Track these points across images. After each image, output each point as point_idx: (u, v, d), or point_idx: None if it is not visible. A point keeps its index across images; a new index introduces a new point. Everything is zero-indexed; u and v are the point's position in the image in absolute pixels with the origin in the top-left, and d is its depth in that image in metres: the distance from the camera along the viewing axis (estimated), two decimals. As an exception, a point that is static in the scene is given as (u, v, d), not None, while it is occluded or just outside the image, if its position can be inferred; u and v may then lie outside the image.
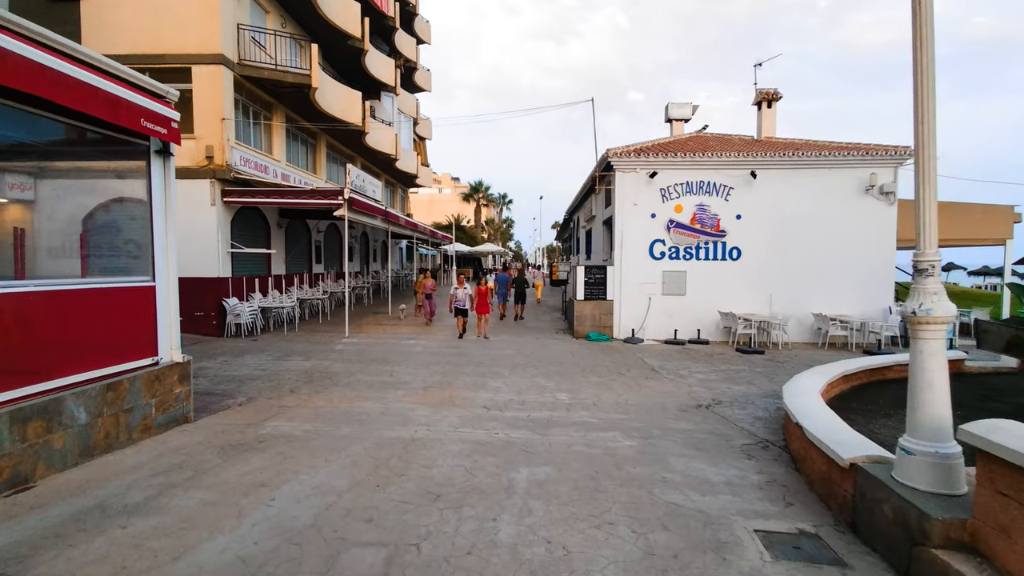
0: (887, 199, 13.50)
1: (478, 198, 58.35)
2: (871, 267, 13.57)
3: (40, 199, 5.03)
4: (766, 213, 13.73)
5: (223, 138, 12.92)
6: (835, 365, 7.95)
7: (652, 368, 10.19)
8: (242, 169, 13.57)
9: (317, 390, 7.96)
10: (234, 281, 13.56)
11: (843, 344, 13.21)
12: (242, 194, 13.08)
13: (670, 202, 13.97)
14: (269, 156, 15.55)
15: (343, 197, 12.88)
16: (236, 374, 8.99)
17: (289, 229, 16.92)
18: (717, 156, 13.60)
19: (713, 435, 5.99)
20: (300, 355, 10.83)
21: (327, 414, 6.64)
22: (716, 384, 8.85)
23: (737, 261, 13.89)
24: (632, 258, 14.01)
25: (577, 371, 9.73)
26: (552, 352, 11.72)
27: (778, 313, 13.50)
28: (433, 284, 15.67)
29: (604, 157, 14.13)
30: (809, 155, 13.41)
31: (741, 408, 7.32)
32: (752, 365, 10.59)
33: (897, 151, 13.33)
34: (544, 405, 7.31)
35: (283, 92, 14.99)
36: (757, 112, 16.48)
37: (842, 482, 3.75)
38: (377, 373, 9.22)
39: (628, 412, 7.02)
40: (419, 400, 7.45)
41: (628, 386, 8.60)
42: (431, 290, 15.64)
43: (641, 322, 13.92)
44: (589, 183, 17.17)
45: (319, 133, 19.45)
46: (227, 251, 13.34)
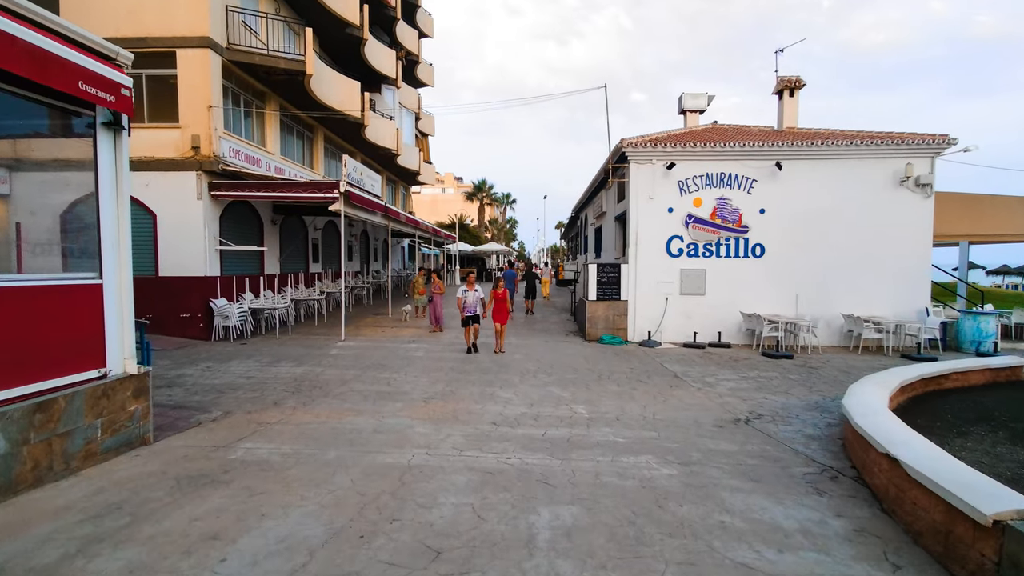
0: (923, 191, 12.54)
1: (481, 197, 57.50)
2: (905, 265, 12.61)
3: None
4: (792, 207, 12.79)
5: (210, 127, 12.07)
6: (889, 374, 7.02)
7: (675, 375, 9.27)
8: (231, 161, 12.71)
9: (305, 402, 7.08)
10: (223, 281, 12.71)
11: (877, 348, 12.26)
12: (231, 187, 12.22)
13: (688, 196, 13.05)
14: (262, 148, 14.70)
15: (339, 190, 12.01)
16: (217, 383, 8.12)
17: (284, 226, 16.07)
18: (740, 146, 12.67)
19: (765, 460, 5.08)
20: (291, 360, 9.96)
21: (312, 432, 5.76)
22: (750, 394, 7.93)
23: (760, 258, 12.95)
24: (648, 256, 13.09)
25: (593, 378, 8.83)
26: (564, 357, 10.82)
27: (805, 314, 12.56)
28: (441, 285, 14.38)
29: (618, 148, 13.21)
30: (839, 144, 12.47)
31: (785, 423, 6.39)
32: (784, 371, 9.66)
33: (935, 140, 12.36)
34: (561, 420, 6.41)
35: (276, 80, 14.13)
36: (778, 101, 15.54)
37: (976, 543, 2.84)
38: (373, 382, 8.34)
39: (657, 429, 6.11)
40: (419, 415, 6.56)
41: (652, 396, 7.69)
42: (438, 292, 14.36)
43: (658, 324, 13.00)
44: (600, 176, 16.26)
45: (316, 126, 18.61)
46: (215, 248, 12.48)
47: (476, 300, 10.76)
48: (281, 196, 12.16)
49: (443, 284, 14.75)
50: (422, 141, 31.34)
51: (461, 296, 10.84)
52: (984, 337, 11.96)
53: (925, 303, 12.65)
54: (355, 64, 19.19)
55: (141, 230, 12.09)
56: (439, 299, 14.22)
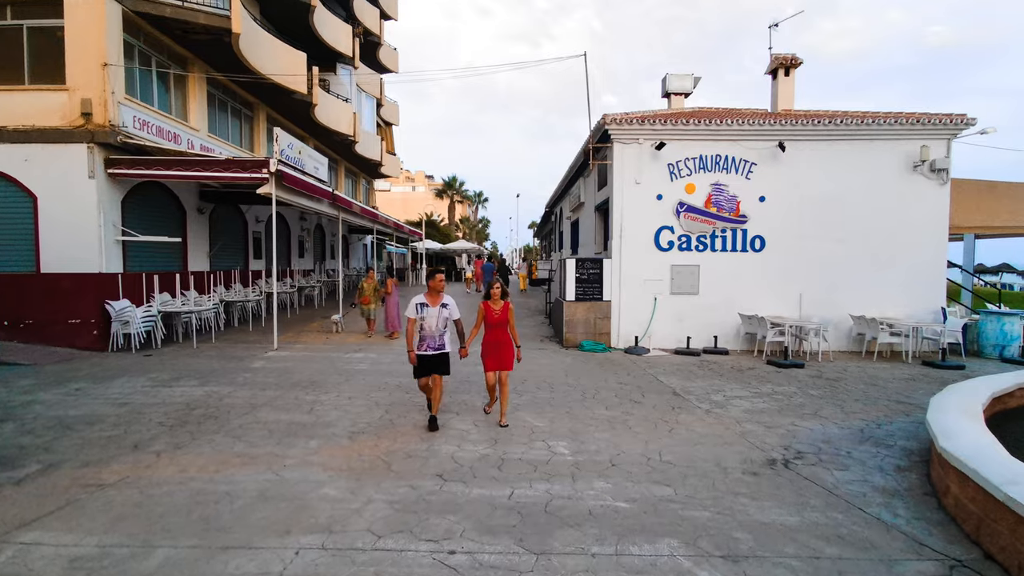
0: (939, 177, 11.20)
1: (452, 194, 55.40)
2: (920, 260, 11.24)
3: None
4: (795, 194, 11.29)
5: (105, 90, 9.85)
6: (969, 389, 5.41)
7: (674, 391, 7.56)
8: (136, 133, 10.50)
9: (181, 443, 5.08)
10: (127, 279, 10.48)
11: (891, 353, 10.84)
12: (134, 164, 10.02)
13: (680, 181, 11.42)
14: (183, 123, 12.46)
15: (268, 170, 9.95)
16: (73, 414, 6.02)
17: (216, 216, 13.84)
18: (738, 123, 11.10)
19: (849, 545, 3.35)
20: (196, 377, 7.89)
21: (159, 502, 3.80)
22: (773, 418, 6.26)
23: (760, 252, 11.41)
24: (634, 249, 11.41)
25: (576, 398, 7.04)
26: (538, 368, 9.02)
27: (812, 316, 11.07)
28: (390, 284, 12.25)
29: (600, 125, 11.50)
30: (848, 123, 11.01)
31: (840, 466, 4.71)
32: (801, 385, 8.06)
33: (952, 120, 11.03)
34: (535, 468, 4.58)
35: (198, 41, 11.94)
36: (772, 82, 14.09)
37: None
38: (292, 407, 6.37)
39: (671, 480, 4.34)
40: (337, 461, 4.64)
41: (653, 424, 5.94)
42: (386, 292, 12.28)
43: (646, 328, 11.32)
44: (578, 162, 14.54)
45: (257, 104, 16.39)
46: (115, 239, 10.25)
47: (444, 323, 5.56)
48: (194, 176, 10.01)
49: (393, 282, 12.23)
50: (385, 130, 29.18)
51: (415, 316, 5.42)
52: (1009, 340, 10.65)
53: (941, 303, 11.30)
54: (304, 36, 17.00)
55: (16, 216, 9.81)
56: (392, 299, 12.29)
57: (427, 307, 5.46)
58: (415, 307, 5.45)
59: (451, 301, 5.58)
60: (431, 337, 5.50)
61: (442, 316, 5.51)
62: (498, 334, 5.80)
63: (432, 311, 5.46)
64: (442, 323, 5.52)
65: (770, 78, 14.12)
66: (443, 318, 5.52)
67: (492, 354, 5.77)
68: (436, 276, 5.57)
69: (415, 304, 5.46)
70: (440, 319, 5.50)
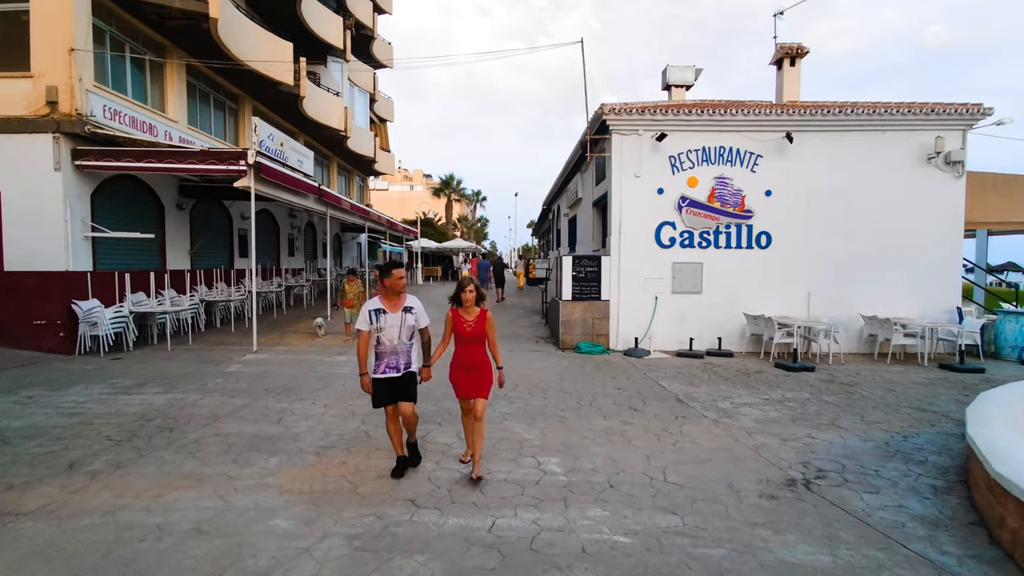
0: (954, 170, 10.64)
1: (449, 193, 54.75)
2: (934, 257, 10.69)
3: None
4: (802, 188, 10.73)
5: (72, 77, 9.27)
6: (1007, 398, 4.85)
7: (677, 398, 7.00)
8: (107, 123, 9.92)
9: (124, 461, 4.51)
10: (98, 277, 9.90)
11: (905, 356, 10.28)
12: (103, 156, 9.43)
13: (682, 174, 10.85)
14: (159, 114, 11.87)
15: (246, 161, 9.38)
16: (13, 426, 5.45)
17: (197, 212, 13.26)
18: (743, 114, 10.54)
19: (890, 591, 2.79)
20: (162, 383, 7.31)
21: (74, 539, 3.23)
22: (787, 428, 5.70)
23: (766, 249, 10.85)
24: (634, 246, 10.84)
25: (571, 406, 6.47)
26: (532, 372, 8.46)
27: (821, 316, 10.51)
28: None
29: (597, 115, 10.93)
30: (859, 113, 10.45)
31: (868, 488, 4.15)
32: (814, 391, 7.50)
33: (968, 110, 10.47)
34: (523, 490, 4.02)
35: (175, 27, 11.36)
36: (777, 72, 13.51)
37: None
38: (259, 418, 5.80)
39: (678, 507, 3.78)
40: (297, 483, 4.08)
41: (655, 436, 5.37)
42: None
43: (646, 329, 10.75)
44: (575, 156, 13.98)
45: (242, 96, 15.80)
46: (84, 235, 9.67)
47: (409, 334, 4.26)
48: (167, 168, 9.41)
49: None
50: (379, 127, 28.60)
51: (368, 326, 4.14)
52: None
53: (956, 302, 10.75)
54: (291, 27, 16.41)
55: (-25, 210, 9.22)
56: None
57: (384, 314, 4.10)
58: (368, 315, 4.10)
59: (417, 304, 4.29)
60: (392, 353, 4.14)
61: (406, 324, 4.16)
62: (471, 353, 4.23)
63: (392, 319, 4.11)
64: (406, 333, 4.19)
65: (775, 69, 13.55)
66: (407, 327, 4.17)
67: (463, 379, 4.26)
68: (393, 272, 4.12)
69: (368, 312, 4.10)
70: (404, 328, 4.15)
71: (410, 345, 4.25)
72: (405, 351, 4.21)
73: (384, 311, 4.14)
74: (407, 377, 4.22)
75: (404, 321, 4.17)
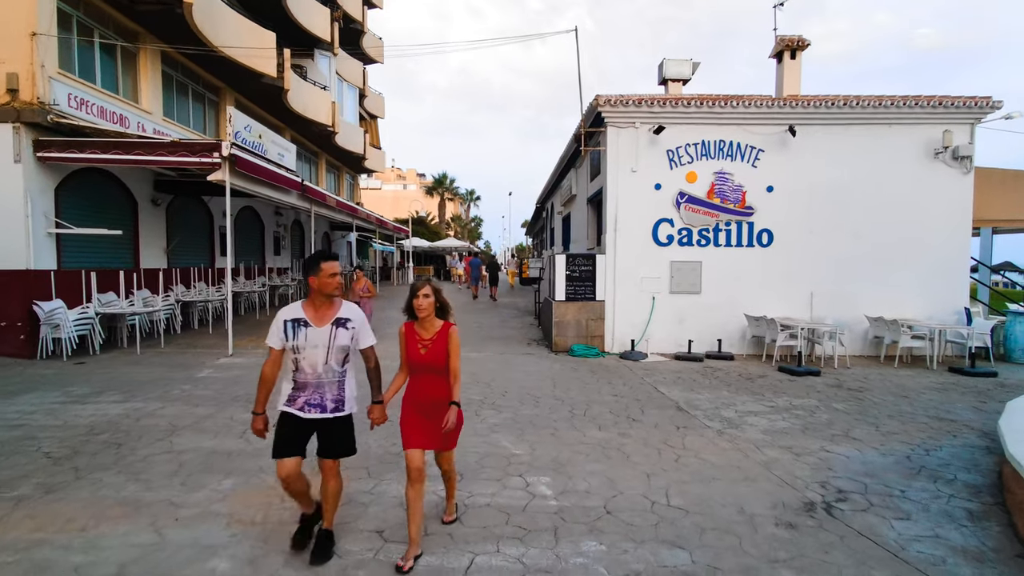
0: (962, 166, 10.25)
1: (442, 192, 54.23)
2: (940, 255, 10.29)
3: None
4: (805, 184, 10.31)
5: (34, 63, 8.70)
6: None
7: (677, 406, 6.53)
8: (73, 113, 9.35)
9: (58, 484, 3.99)
10: (62, 277, 9.32)
11: (912, 358, 9.86)
12: (67, 147, 8.85)
13: (680, 169, 10.40)
14: (133, 104, 11.29)
15: (220, 153, 8.84)
16: (-56, 440, 4.90)
17: (174, 208, 12.67)
18: (744, 106, 10.10)
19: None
20: (124, 390, 6.77)
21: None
22: (797, 441, 5.24)
23: (768, 248, 10.41)
24: (630, 244, 10.38)
25: (564, 415, 5.99)
26: (523, 376, 7.97)
27: (824, 317, 10.09)
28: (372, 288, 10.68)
29: (592, 107, 10.46)
30: (865, 106, 10.03)
31: (898, 514, 3.69)
32: (822, 397, 7.06)
33: (976, 103, 10.08)
34: (507, 519, 3.53)
35: (149, 12, 10.78)
36: (777, 66, 13.06)
37: None
38: (221, 430, 5.27)
39: (685, 539, 3.30)
40: (249, 510, 3.57)
41: (656, 451, 4.90)
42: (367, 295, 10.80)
43: (643, 330, 10.29)
44: (570, 151, 13.50)
45: (223, 88, 15.21)
46: (47, 232, 9.10)
47: (342, 358, 3.01)
48: (135, 160, 8.84)
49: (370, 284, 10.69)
50: (370, 123, 28.03)
51: (284, 344, 2.94)
52: (1040, 344, 9.72)
53: (964, 302, 10.36)
54: (276, 17, 15.83)
55: (-73, 204, 8.62)
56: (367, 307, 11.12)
57: (306, 327, 2.91)
58: (283, 328, 2.92)
59: (356, 315, 3.04)
60: (317, 385, 2.94)
61: (337, 344, 2.94)
62: (431, 386, 3.08)
63: (317, 335, 2.91)
64: (337, 357, 2.96)
65: (774, 63, 13.11)
66: (338, 348, 2.95)
67: (417, 421, 3.06)
68: (322, 267, 2.91)
69: (283, 323, 2.92)
70: (333, 350, 2.93)
71: (343, 373, 3.02)
72: (335, 382, 2.98)
73: (306, 323, 2.92)
74: (339, 423, 3.00)
75: (334, 339, 2.93)
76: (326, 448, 3.02)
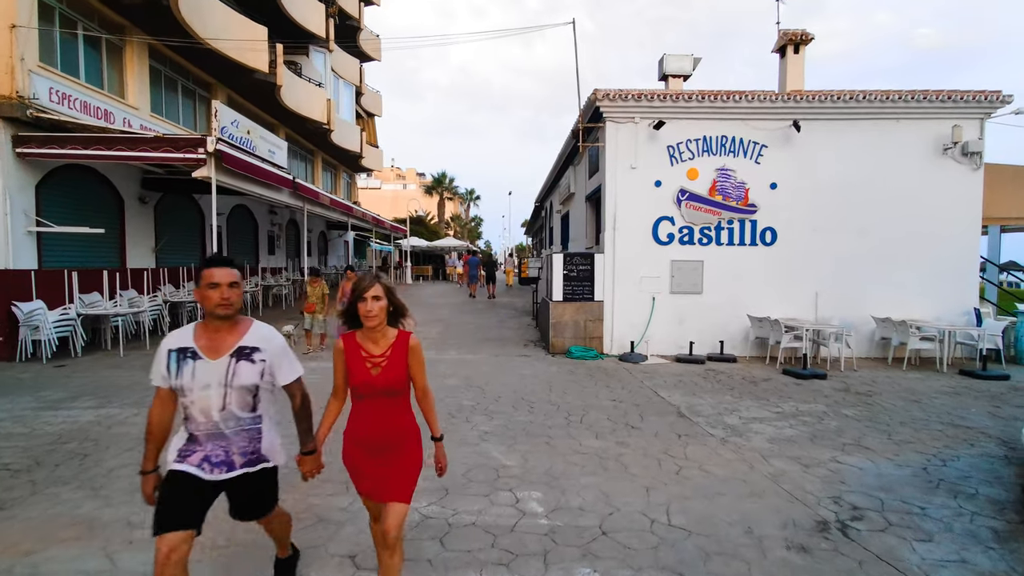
0: (971, 162, 9.95)
1: (441, 191, 53.92)
2: (949, 254, 9.99)
3: None
4: (810, 181, 10.02)
5: (12, 56, 8.41)
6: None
7: (678, 411, 6.24)
8: (54, 107, 9.08)
9: (10, 499, 3.71)
10: (43, 276, 9.04)
11: (920, 360, 9.56)
12: (47, 143, 8.57)
13: (681, 165, 10.11)
14: (118, 100, 11.01)
15: (206, 149, 8.55)
16: (-101, 451, 4.61)
17: (163, 207, 12.39)
18: (747, 101, 9.80)
19: None
20: (100, 395, 6.49)
21: None
22: (806, 450, 4.94)
23: (771, 246, 10.12)
24: (629, 243, 10.08)
25: (559, 422, 5.70)
26: (518, 380, 7.67)
27: (831, 317, 9.80)
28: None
29: (591, 102, 10.17)
30: (872, 101, 9.73)
31: (920, 535, 3.39)
32: (830, 402, 6.76)
33: (986, 97, 9.78)
34: (493, 541, 3.23)
35: (134, 6, 10.49)
36: (780, 60, 12.76)
37: None
38: (193, 439, 4.96)
39: (689, 566, 3.00)
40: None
41: (656, 462, 4.60)
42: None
43: (643, 332, 9.99)
44: (568, 148, 13.21)
45: (215, 85, 14.92)
46: (26, 230, 8.81)
47: (246, 400, 2.24)
48: (117, 156, 8.55)
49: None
50: (366, 121, 27.75)
51: (170, 382, 2.19)
52: (1053, 346, 9.42)
53: (973, 302, 10.06)
54: (269, 11, 15.54)
55: (-99, 201, 8.34)
56: None
57: (193, 360, 2.17)
58: (166, 359, 2.19)
59: (272, 343, 2.32)
60: (216, 437, 2.22)
61: (239, 383, 2.20)
62: (381, 415, 2.31)
63: (208, 369, 2.17)
64: (241, 400, 2.22)
65: (776, 58, 12.80)
66: (241, 388, 2.20)
67: (365, 466, 2.34)
68: (212, 275, 2.16)
69: (165, 352, 2.19)
70: (234, 391, 2.20)
71: (256, 420, 2.27)
72: (243, 432, 2.23)
73: (194, 354, 2.16)
74: (256, 479, 2.29)
75: (233, 376, 2.16)
76: (240, 510, 2.39)
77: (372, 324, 2.27)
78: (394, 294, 2.38)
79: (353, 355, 2.31)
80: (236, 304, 2.20)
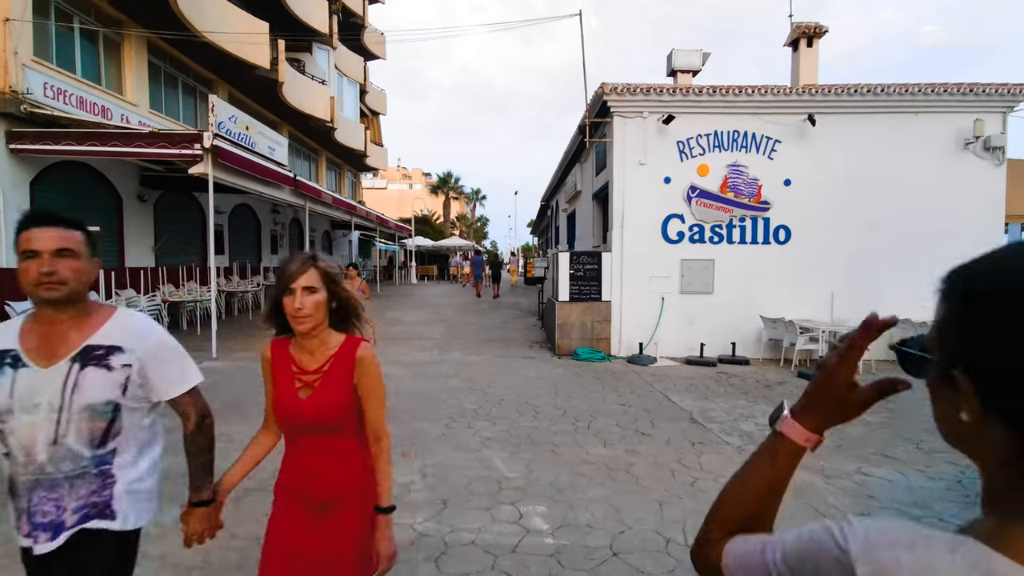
0: (993, 157, 9.58)
1: (447, 191, 53.76)
2: (970, 253, 9.38)
3: None
4: (825, 177, 9.68)
5: (7, 50, 8.23)
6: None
7: (691, 417, 5.94)
8: (49, 103, 8.90)
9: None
10: (38, 275, 8.84)
11: (940, 363, 9.20)
12: (41, 139, 8.39)
13: (691, 161, 9.80)
14: (116, 96, 10.84)
15: (202, 145, 8.33)
16: None
17: (163, 205, 12.22)
18: (760, 94, 9.48)
19: None
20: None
21: None
22: (829, 460, 4.63)
23: (785, 245, 9.79)
24: (638, 241, 9.79)
25: (566, 428, 5.42)
26: (523, 383, 7.40)
27: (847, 319, 9.42)
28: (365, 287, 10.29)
29: (597, 96, 9.88)
30: (890, 94, 9.39)
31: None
32: (849, 407, 6.43)
33: (1008, 89, 9.41)
34: (492, 563, 2.96)
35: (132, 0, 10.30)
36: (792, 54, 12.42)
37: None
38: (179, 448, 4.72)
39: (707, 591, 2.71)
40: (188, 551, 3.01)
41: (669, 473, 4.32)
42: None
43: (651, 333, 9.70)
44: (575, 144, 12.93)
45: (216, 82, 14.75)
46: (21, 228, 8.62)
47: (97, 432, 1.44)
48: (112, 152, 8.36)
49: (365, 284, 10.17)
50: (371, 120, 27.57)
51: None
52: (1080, 348, 9.03)
53: (996, 303, 9.67)
54: (272, 8, 15.35)
55: None
56: None
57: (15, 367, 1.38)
58: None
59: (147, 336, 1.58)
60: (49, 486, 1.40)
61: (82, 401, 1.41)
62: (314, 460, 1.61)
63: (35, 381, 1.39)
64: (84, 428, 1.42)
65: (790, 51, 12.46)
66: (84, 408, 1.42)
67: (278, 551, 1.61)
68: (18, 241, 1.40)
69: None
70: (74, 413, 1.40)
71: (108, 458, 1.50)
72: (87, 475, 1.45)
73: (16, 359, 1.40)
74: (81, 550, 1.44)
75: (74, 391, 1.41)
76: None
77: (303, 327, 1.54)
78: (338, 284, 1.61)
79: (281, 369, 1.63)
80: (72, 283, 1.41)
